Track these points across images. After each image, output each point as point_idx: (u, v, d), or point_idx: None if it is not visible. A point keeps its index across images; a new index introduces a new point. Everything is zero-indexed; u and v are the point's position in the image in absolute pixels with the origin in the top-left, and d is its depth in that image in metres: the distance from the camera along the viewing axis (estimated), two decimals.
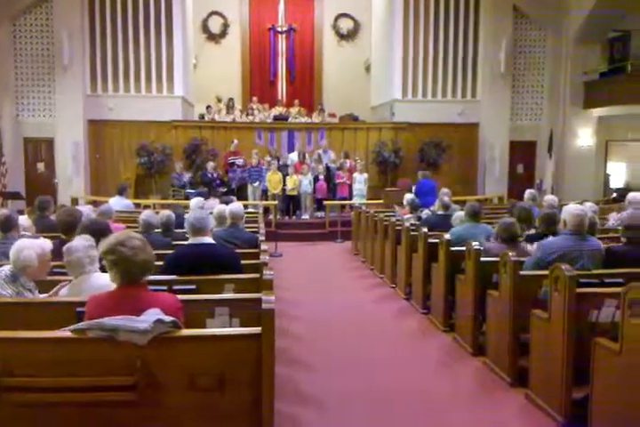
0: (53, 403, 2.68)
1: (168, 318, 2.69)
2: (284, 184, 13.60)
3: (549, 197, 8.28)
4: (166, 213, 6.24)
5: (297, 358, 5.19)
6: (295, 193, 13.67)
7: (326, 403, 4.23)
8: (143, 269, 2.88)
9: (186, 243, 4.60)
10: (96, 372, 2.66)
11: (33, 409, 2.69)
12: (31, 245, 3.60)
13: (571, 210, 4.69)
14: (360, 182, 13.81)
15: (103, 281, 3.35)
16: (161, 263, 4.25)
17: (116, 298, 2.86)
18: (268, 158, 14.11)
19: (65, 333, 2.70)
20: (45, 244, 3.78)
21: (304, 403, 4.26)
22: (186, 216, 6.61)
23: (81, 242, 3.65)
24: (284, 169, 14.00)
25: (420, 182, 11.72)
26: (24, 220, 5.62)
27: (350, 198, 13.83)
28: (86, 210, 6.24)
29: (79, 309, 3.20)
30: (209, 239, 4.48)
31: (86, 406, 2.69)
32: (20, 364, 2.65)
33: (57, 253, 3.82)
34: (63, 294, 3.67)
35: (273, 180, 13.51)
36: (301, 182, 13.54)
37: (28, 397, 2.66)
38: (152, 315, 2.67)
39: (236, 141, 14.72)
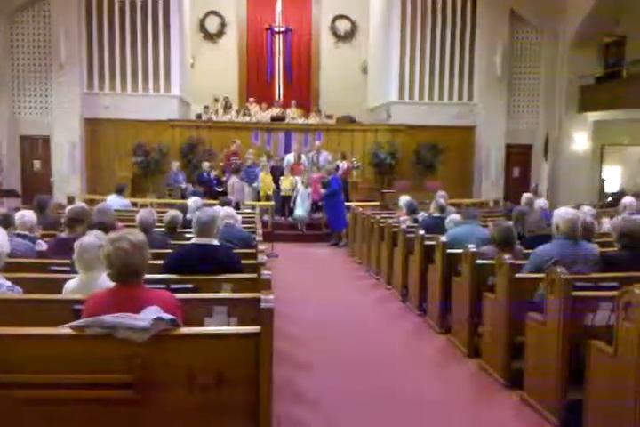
0: (51, 400, 2.68)
1: (167, 316, 2.69)
2: (278, 186, 13.56)
3: (540, 201, 8.32)
4: (172, 213, 6.13)
5: (292, 359, 5.18)
6: (291, 194, 13.65)
7: (321, 403, 4.24)
8: (140, 267, 2.91)
9: (189, 242, 4.54)
10: (94, 369, 2.65)
11: (30, 406, 2.68)
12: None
13: (562, 214, 4.59)
14: (302, 196, 12.72)
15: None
16: (160, 262, 4.25)
17: (114, 295, 2.86)
18: (263, 159, 14.09)
19: (64, 330, 2.70)
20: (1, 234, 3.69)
21: (299, 403, 4.27)
22: (188, 216, 6.59)
23: (94, 241, 3.57)
24: (277, 170, 13.98)
25: (338, 178, 12.01)
26: (31, 217, 5.26)
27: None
28: None
29: (76, 306, 3.19)
30: (214, 241, 4.42)
31: (84, 403, 2.69)
32: (18, 360, 2.64)
33: (56, 250, 3.80)
34: (69, 287, 3.60)
35: (266, 181, 13.49)
36: (297, 183, 13.51)
37: (26, 393, 2.66)
38: (151, 312, 2.68)
39: (237, 142, 14.72)
